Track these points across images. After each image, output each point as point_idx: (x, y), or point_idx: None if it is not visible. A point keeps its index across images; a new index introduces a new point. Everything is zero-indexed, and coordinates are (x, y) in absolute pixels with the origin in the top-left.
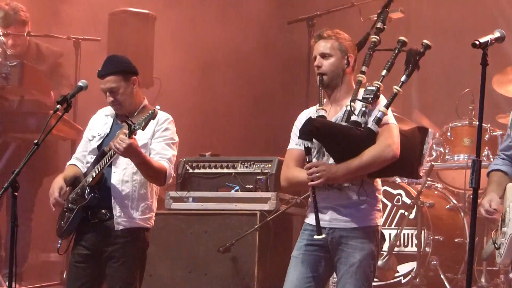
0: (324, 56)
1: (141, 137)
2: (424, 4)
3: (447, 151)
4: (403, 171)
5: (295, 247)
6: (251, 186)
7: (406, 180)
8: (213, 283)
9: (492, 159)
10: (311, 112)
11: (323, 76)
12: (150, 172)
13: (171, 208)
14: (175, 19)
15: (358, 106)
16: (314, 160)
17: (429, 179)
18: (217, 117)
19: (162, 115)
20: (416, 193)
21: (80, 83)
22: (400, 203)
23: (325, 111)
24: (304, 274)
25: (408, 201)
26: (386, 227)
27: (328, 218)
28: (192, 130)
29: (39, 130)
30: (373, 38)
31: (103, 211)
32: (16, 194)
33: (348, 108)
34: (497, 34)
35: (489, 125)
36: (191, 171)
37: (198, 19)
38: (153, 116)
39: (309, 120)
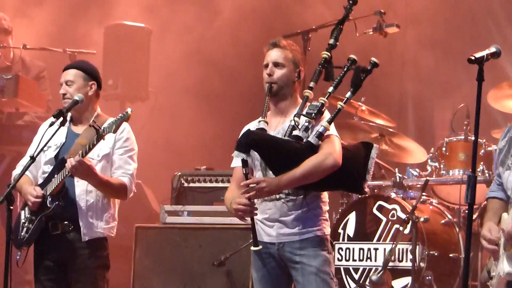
0: (277, 65)
1: (102, 145)
2: (422, 19)
3: (442, 166)
4: (347, 185)
5: (253, 267)
6: None
7: (401, 195)
8: None
9: (487, 174)
10: (253, 125)
11: (273, 85)
12: (109, 190)
13: (166, 222)
14: (171, 33)
15: (302, 121)
16: (259, 174)
17: (424, 194)
18: (212, 130)
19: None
20: (411, 208)
21: (76, 97)
22: (395, 218)
23: (267, 123)
24: None
25: (403, 216)
26: (381, 242)
27: (275, 233)
28: (187, 144)
29: None
30: (324, 54)
31: (66, 222)
32: (12, 207)
33: (292, 123)
34: (493, 49)
35: (484, 140)
36: (186, 185)
37: (194, 34)
38: (125, 118)
39: (247, 133)
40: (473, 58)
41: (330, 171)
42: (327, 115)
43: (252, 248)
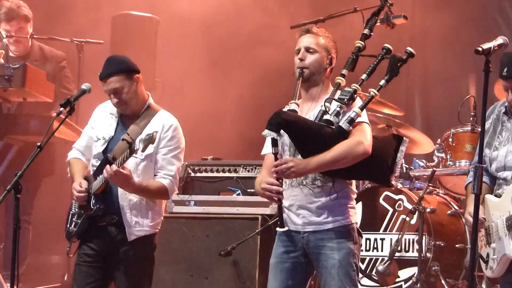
0: (308, 50)
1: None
2: (429, 11)
3: (449, 157)
4: (374, 176)
5: (272, 253)
6: (252, 190)
7: (408, 186)
8: (214, 287)
9: None
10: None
11: (304, 70)
12: (148, 196)
13: (173, 212)
14: (178, 23)
15: (333, 106)
16: (286, 155)
17: (430, 184)
18: (219, 120)
19: (167, 120)
20: (417, 198)
21: (83, 86)
22: (401, 208)
23: (298, 105)
24: (283, 283)
25: (409, 206)
26: (387, 233)
27: (301, 222)
28: (194, 134)
29: (41, 133)
30: (358, 43)
31: (111, 215)
32: (19, 196)
33: (323, 108)
34: (500, 40)
35: None
36: (193, 174)
37: (202, 23)
38: (151, 140)
39: (278, 112)
40: (480, 49)
41: (360, 158)
42: (358, 102)
43: (278, 229)
